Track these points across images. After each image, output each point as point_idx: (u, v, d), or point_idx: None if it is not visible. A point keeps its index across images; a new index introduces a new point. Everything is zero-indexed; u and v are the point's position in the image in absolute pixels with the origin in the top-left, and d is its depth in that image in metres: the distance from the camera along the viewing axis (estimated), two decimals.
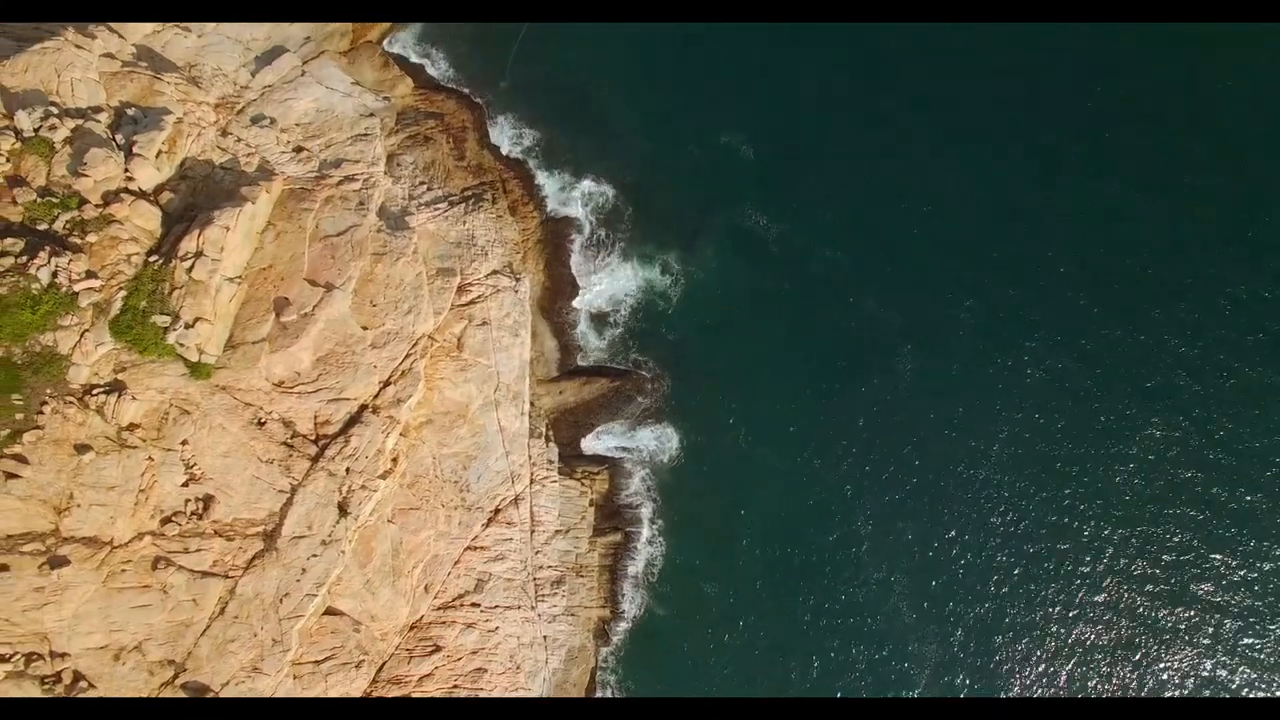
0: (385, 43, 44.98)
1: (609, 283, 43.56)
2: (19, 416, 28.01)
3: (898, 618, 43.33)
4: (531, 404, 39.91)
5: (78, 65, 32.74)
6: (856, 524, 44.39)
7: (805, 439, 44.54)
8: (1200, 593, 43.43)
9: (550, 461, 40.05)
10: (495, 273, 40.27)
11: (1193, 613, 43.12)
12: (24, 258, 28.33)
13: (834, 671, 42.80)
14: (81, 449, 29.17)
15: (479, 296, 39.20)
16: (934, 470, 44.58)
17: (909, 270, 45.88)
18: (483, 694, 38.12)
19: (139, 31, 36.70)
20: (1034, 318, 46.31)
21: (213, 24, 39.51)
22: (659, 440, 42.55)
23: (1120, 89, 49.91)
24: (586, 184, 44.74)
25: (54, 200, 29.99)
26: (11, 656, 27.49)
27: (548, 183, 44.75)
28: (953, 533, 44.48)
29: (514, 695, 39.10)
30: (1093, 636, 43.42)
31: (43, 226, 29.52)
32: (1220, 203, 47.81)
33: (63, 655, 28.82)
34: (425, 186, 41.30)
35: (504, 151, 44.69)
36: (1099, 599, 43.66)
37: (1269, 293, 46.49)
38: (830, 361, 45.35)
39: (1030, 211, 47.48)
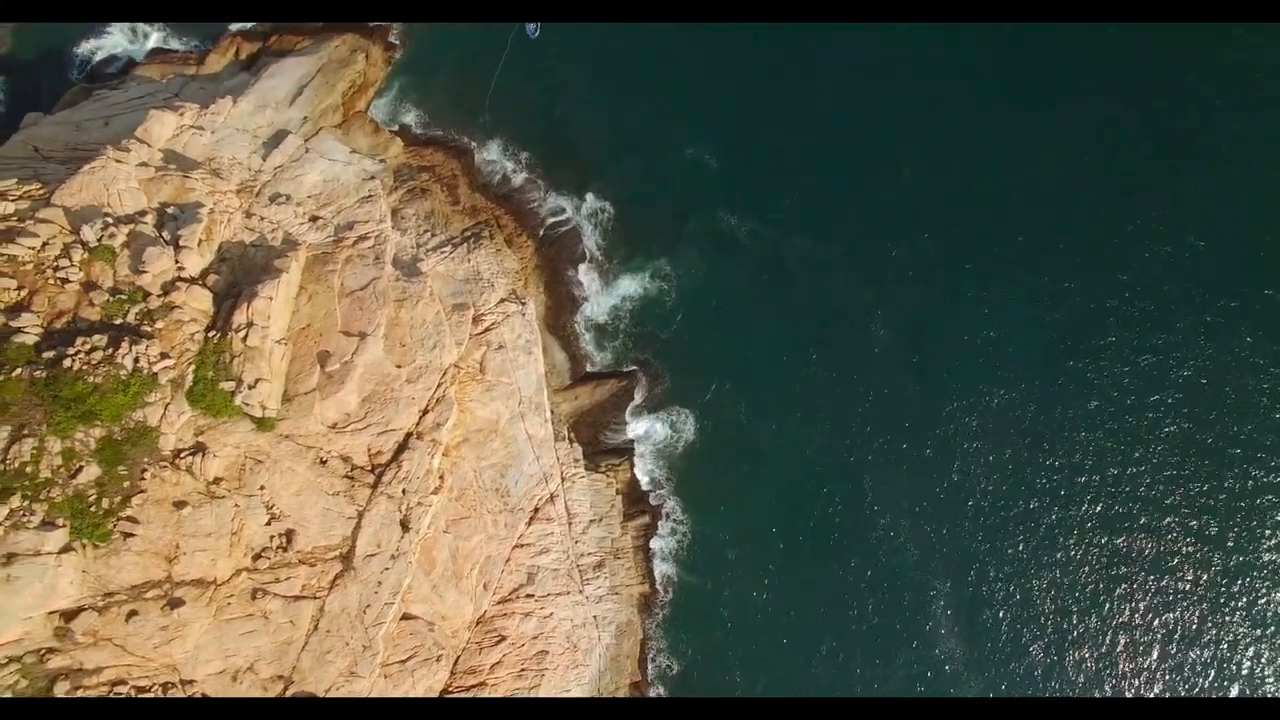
0: (371, 109, 49.75)
1: (605, 295, 48.36)
2: (126, 484, 32.74)
3: (906, 557, 48.09)
4: (552, 411, 44.68)
5: (120, 177, 37.54)
6: (860, 480, 49.08)
7: (802, 410, 49.19)
8: (1194, 530, 48.29)
9: (576, 460, 44.86)
10: (503, 300, 45.04)
11: (1193, 562, 47.75)
12: (109, 350, 33.05)
13: (855, 613, 47.48)
14: (179, 505, 33.90)
15: (492, 324, 43.99)
16: (920, 423, 49.32)
17: (872, 247, 50.53)
18: (547, 674, 42.85)
19: (161, 138, 41.52)
20: (999, 279, 50.86)
21: (221, 118, 44.35)
22: (670, 427, 47.32)
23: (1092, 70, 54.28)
24: (572, 208, 49.46)
25: (123, 297, 34.74)
26: (151, 688, 32.25)
27: (536, 212, 49.38)
28: (946, 476, 49.20)
29: (575, 672, 43.87)
30: (1085, 564, 48.38)
31: (118, 321, 34.25)
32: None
33: (190, 682, 33.58)
34: (429, 234, 46.14)
35: (493, 190, 49.38)
36: (1088, 529, 48.69)
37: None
38: (813, 337, 49.98)
39: (967, 185, 52.08)
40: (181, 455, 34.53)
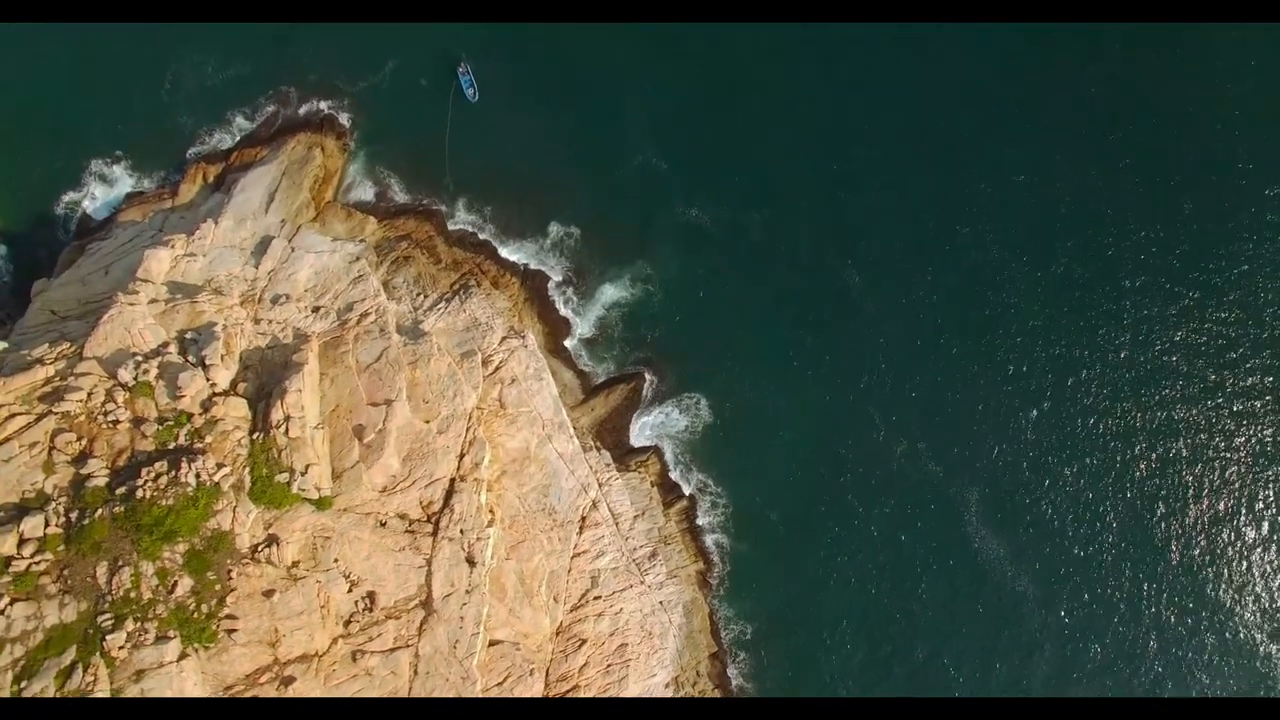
0: (340, 196, 52.90)
1: (594, 309, 51.71)
2: (218, 587, 36.04)
3: (929, 474, 51.54)
4: (574, 427, 48.00)
5: (137, 318, 40.74)
6: (869, 416, 52.59)
7: (801, 366, 52.75)
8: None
9: (607, 465, 48.17)
10: (504, 338, 48.28)
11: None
12: (172, 472, 36.30)
13: (898, 539, 51.00)
14: (268, 594, 37.14)
15: (500, 362, 47.26)
16: (910, 351, 53.06)
17: (828, 206, 54.10)
18: (631, 664, 46.13)
19: (161, 273, 44.82)
20: (955, 215, 54.60)
21: (208, 241, 47.59)
22: (686, 413, 50.71)
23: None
24: (543, 240, 52.70)
25: (170, 423, 38.01)
26: None
27: (511, 252, 52.59)
28: (947, 393, 52.71)
29: (656, 657, 47.13)
30: (1094, 447, 52.26)
31: (172, 445, 37.53)
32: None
33: None
34: (422, 295, 49.44)
35: (468, 241, 52.50)
36: (1087, 418, 52.61)
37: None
38: (795, 298, 53.49)
39: (909, 139, 55.76)
40: (258, 549, 37.79)
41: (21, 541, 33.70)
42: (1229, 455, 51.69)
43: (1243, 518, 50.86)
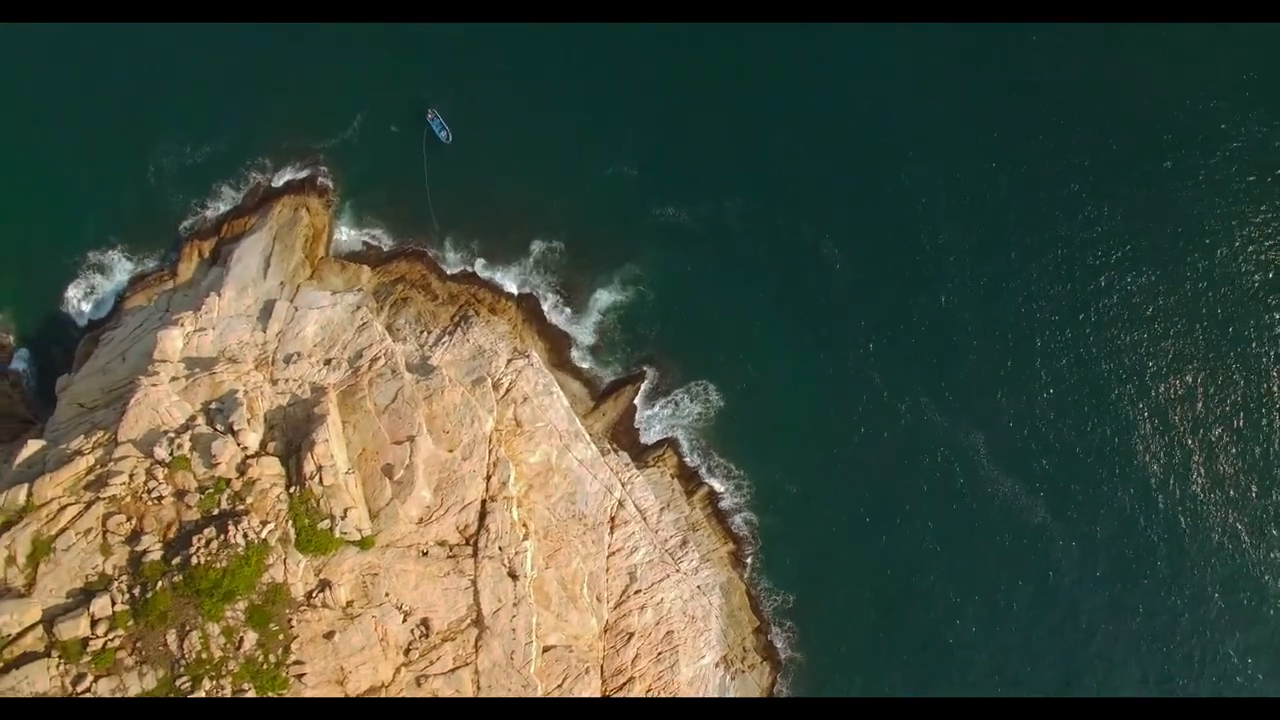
0: (332, 251, 54.77)
1: (590, 317, 53.66)
2: (281, 636, 38.06)
3: (936, 428, 53.57)
4: (589, 433, 49.99)
5: (162, 398, 42.74)
6: (870, 379, 54.61)
7: (798, 342, 54.79)
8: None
9: (627, 464, 50.17)
10: (510, 360, 50.27)
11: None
12: (221, 536, 38.32)
13: (917, 489, 53.15)
14: (329, 635, 39.13)
15: (510, 383, 49.25)
16: (898, 313, 55.25)
17: (797, 190, 55.96)
18: (680, 649, 48.15)
19: (176, 351, 46.79)
20: (917, 178, 56.80)
21: (214, 314, 49.58)
22: (696, 402, 52.69)
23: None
24: (531, 260, 54.58)
25: (211, 490, 40.03)
26: None
27: (503, 277, 54.40)
28: (939, 347, 54.91)
29: (702, 639, 49.13)
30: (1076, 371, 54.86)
31: (216, 511, 39.58)
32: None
33: None
34: (425, 332, 51.45)
35: (461, 274, 54.28)
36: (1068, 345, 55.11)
37: None
38: (782, 280, 55.49)
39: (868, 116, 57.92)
40: (313, 595, 39.77)
41: (94, 622, 35.77)
42: (1235, 372, 54.26)
43: (1240, 436, 53.39)
